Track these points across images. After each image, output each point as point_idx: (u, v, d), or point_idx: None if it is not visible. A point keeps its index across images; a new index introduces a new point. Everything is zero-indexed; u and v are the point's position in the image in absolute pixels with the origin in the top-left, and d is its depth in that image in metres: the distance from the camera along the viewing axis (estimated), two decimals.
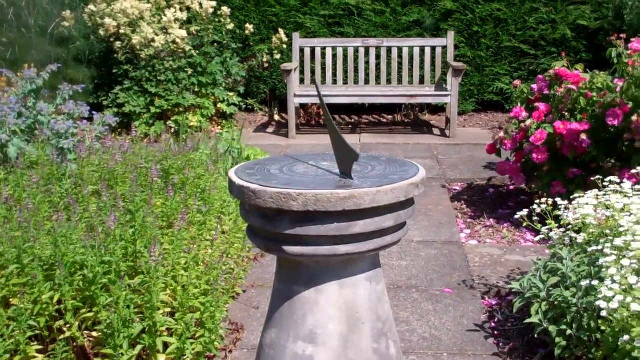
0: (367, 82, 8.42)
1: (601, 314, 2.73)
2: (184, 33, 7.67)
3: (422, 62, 8.34)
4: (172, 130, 7.58)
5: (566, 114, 4.91)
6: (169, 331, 3.22)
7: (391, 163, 2.24)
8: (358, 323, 2.11)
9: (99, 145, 5.73)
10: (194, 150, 5.10)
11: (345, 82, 8.45)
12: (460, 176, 6.37)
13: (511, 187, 5.96)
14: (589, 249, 3.26)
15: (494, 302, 3.94)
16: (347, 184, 1.99)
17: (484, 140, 7.65)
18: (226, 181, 5.14)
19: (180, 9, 7.92)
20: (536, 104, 5.13)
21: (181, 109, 7.64)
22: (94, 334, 3.23)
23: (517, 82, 5.56)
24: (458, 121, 8.09)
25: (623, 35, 5.28)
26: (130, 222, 3.45)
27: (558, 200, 3.72)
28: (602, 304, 2.67)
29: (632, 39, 5.09)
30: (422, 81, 8.37)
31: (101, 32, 7.88)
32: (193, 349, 3.15)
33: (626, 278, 2.67)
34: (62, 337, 3.13)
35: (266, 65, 8.75)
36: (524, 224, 3.85)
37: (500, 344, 3.49)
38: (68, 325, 3.16)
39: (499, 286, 4.13)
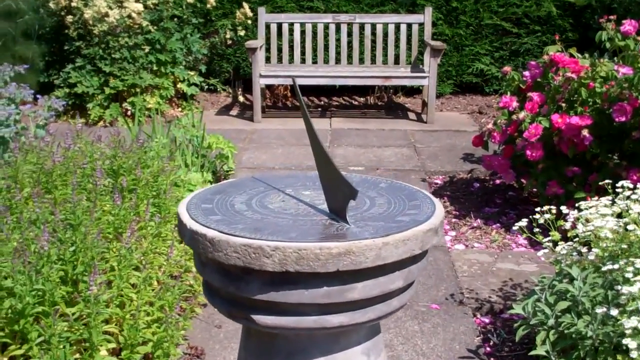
0: (338, 61, 7.85)
1: (621, 348, 2.35)
2: (140, 7, 7.05)
3: (397, 40, 7.78)
4: (128, 113, 7.00)
5: (564, 105, 4.42)
6: None
7: (394, 193, 1.70)
8: None
9: (43, 132, 5.18)
10: (149, 140, 4.54)
11: (315, 62, 7.88)
12: (442, 168, 5.87)
13: (497, 182, 5.49)
14: (604, 268, 2.82)
15: (487, 321, 3.49)
16: (340, 230, 1.45)
17: (464, 126, 7.17)
18: (185, 176, 4.62)
19: None
20: (529, 94, 4.62)
21: (138, 90, 7.03)
22: None
23: (506, 68, 5.05)
24: (435, 104, 7.56)
25: (613, 17, 4.80)
26: (70, 239, 2.91)
27: (563, 208, 3.27)
28: (631, 343, 2.27)
29: (623, 21, 4.62)
30: (397, 61, 7.80)
31: (51, 4, 7.30)
32: None
33: None
34: None
35: (229, 42, 8.13)
36: (524, 235, 3.38)
37: None
38: None
39: (492, 301, 3.68)
